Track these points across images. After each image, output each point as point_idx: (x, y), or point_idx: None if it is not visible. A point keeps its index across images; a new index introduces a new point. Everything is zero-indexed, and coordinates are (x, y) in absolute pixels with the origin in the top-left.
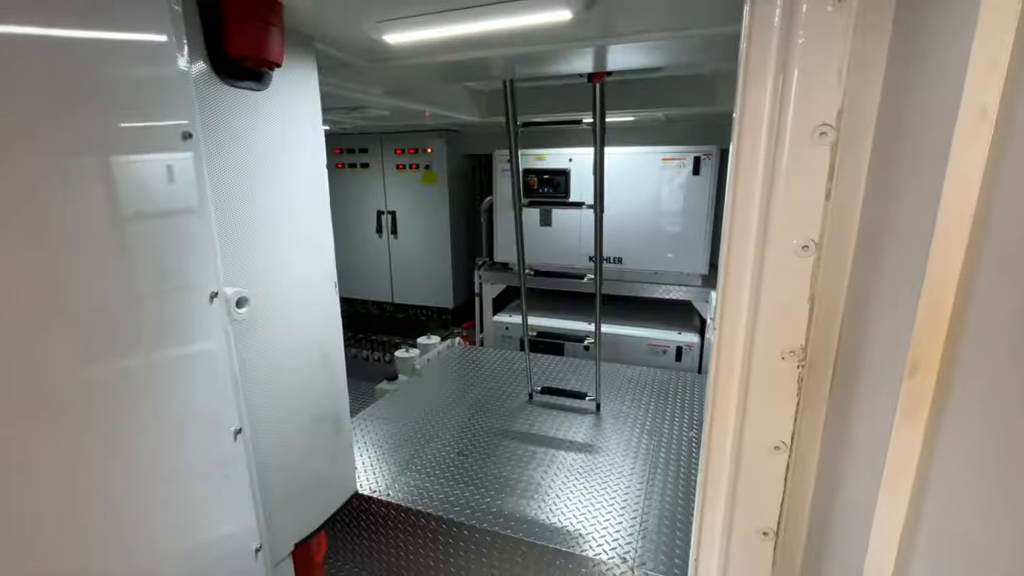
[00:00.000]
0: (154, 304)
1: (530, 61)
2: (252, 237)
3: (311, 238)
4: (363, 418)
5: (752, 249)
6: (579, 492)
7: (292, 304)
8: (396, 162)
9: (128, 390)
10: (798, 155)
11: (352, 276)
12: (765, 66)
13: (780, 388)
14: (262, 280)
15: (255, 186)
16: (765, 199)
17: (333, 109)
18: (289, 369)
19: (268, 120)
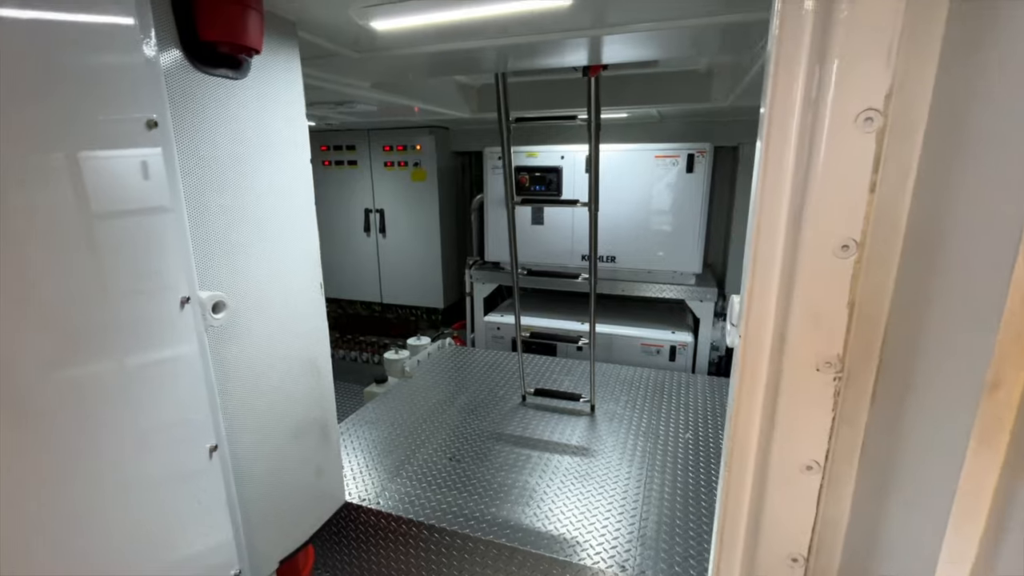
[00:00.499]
0: (114, 310)
1: (523, 53)
2: (230, 237)
3: (295, 238)
4: (351, 423)
5: (782, 249)
6: (575, 497)
7: (275, 308)
8: (384, 159)
9: (83, 405)
10: (839, 144)
11: (339, 276)
12: (800, 43)
13: (814, 402)
14: (242, 283)
15: (234, 182)
16: (799, 194)
17: (318, 104)
18: (272, 377)
19: (247, 111)
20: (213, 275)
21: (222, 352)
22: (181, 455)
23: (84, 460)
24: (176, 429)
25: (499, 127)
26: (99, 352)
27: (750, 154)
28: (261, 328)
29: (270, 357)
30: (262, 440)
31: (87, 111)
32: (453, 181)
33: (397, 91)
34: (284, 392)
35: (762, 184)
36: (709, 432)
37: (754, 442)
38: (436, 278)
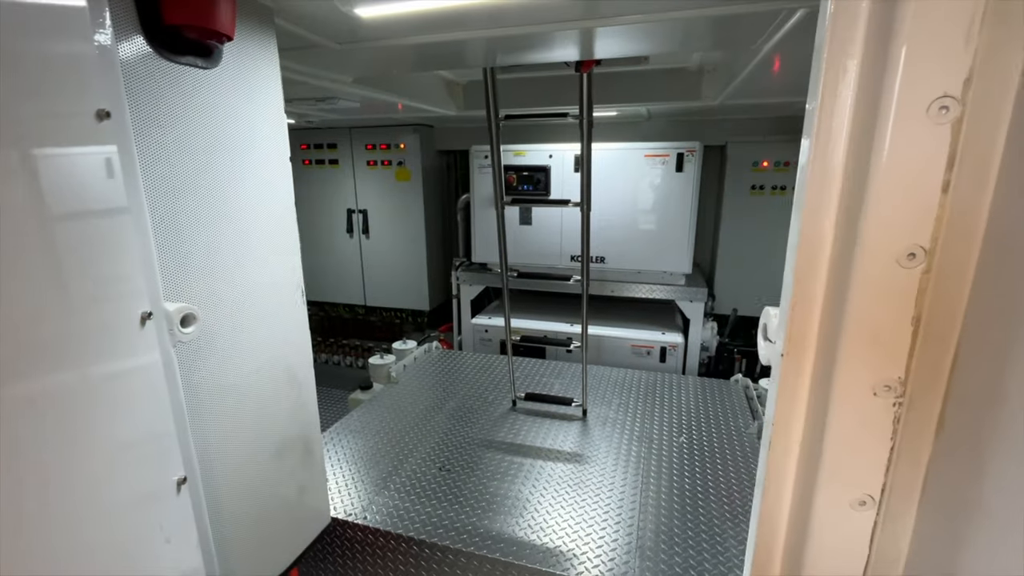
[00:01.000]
0: (55, 324)
1: (513, 46)
2: (203, 242)
3: (274, 241)
4: (335, 432)
5: (831, 256)
6: (570, 507)
7: (252, 318)
8: (367, 158)
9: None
10: (907, 137)
11: (321, 278)
12: (858, 21)
13: (869, 431)
14: (216, 292)
15: (206, 181)
16: (856, 195)
17: (298, 100)
18: (249, 393)
19: (220, 103)
20: (183, 285)
21: (194, 370)
22: (142, 490)
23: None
24: (138, 468)
25: (488, 124)
26: (33, 373)
27: (737, 153)
28: (238, 341)
29: (248, 372)
30: (240, 462)
31: (25, 103)
32: (438, 180)
33: (381, 87)
34: (264, 409)
35: (808, 185)
36: (703, 435)
37: (793, 473)
38: (421, 280)
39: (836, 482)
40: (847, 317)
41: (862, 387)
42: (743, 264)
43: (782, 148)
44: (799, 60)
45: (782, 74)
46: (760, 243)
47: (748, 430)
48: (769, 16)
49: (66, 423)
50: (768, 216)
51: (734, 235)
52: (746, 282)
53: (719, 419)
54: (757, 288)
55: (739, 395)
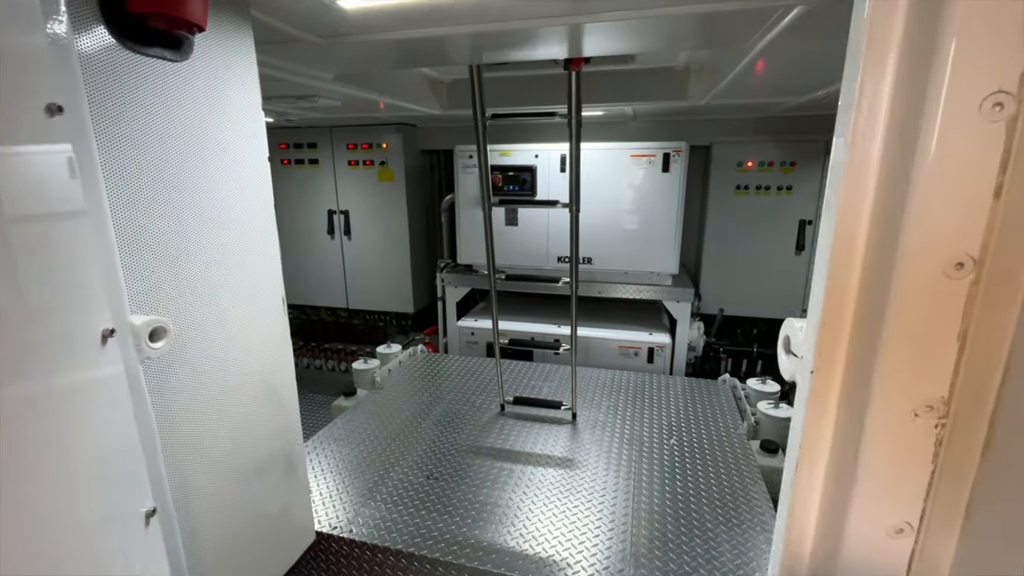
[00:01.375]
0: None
1: (499, 42)
2: (175, 248)
3: (253, 247)
4: (318, 441)
5: (866, 264)
6: (562, 514)
7: (229, 330)
8: (348, 158)
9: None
10: (956, 136)
11: (302, 281)
12: (895, 14)
13: (909, 454)
14: (188, 303)
15: (179, 182)
16: (898, 198)
17: (276, 98)
18: (227, 409)
19: (192, 99)
20: (152, 295)
21: (165, 387)
22: (105, 522)
23: None
24: (101, 500)
25: (474, 123)
26: None
27: (722, 153)
28: (214, 354)
29: (226, 387)
30: (218, 483)
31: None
32: (421, 181)
33: (362, 85)
34: (243, 425)
35: (842, 188)
36: (693, 437)
37: (822, 498)
38: (405, 282)
39: (871, 509)
40: (886, 332)
41: (901, 408)
42: (728, 264)
43: (766, 148)
44: (791, 60)
45: (772, 74)
46: (745, 243)
47: (737, 431)
48: (763, 14)
49: (13, 446)
50: (753, 216)
51: (719, 235)
52: (731, 282)
53: (708, 420)
54: (742, 288)
55: (727, 395)
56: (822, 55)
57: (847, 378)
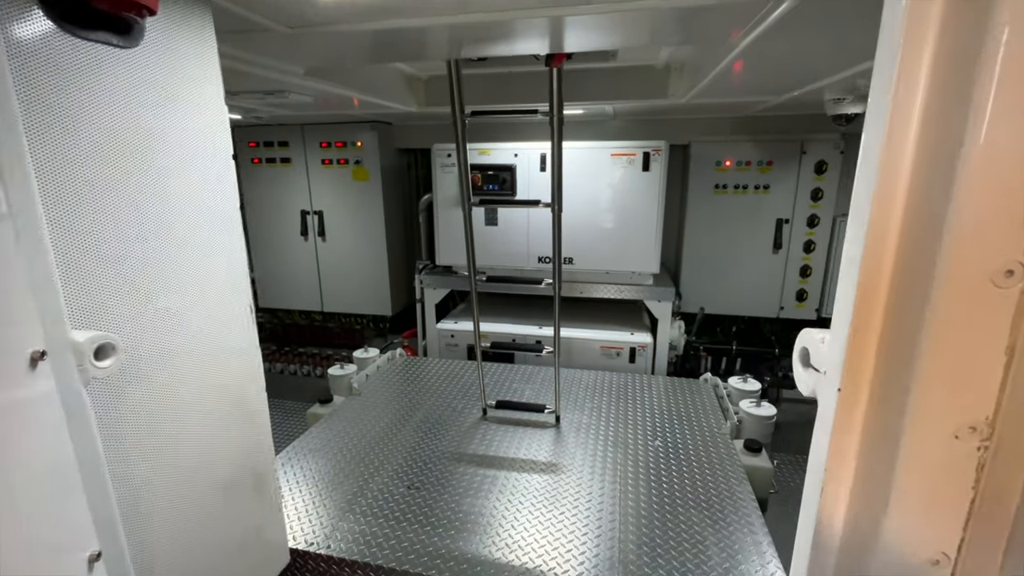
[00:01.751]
0: None
1: (478, 35)
2: (124, 257)
3: (216, 252)
4: (293, 452)
5: (902, 271)
6: (548, 522)
7: (191, 342)
8: (321, 156)
9: None
10: (1008, 126)
11: (274, 284)
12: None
13: (947, 479)
14: (142, 315)
15: (130, 182)
16: (939, 197)
17: (243, 93)
18: (189, 429)
19: (142, 90)
20: (99, 308)
21: (116, 410)
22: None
23: None
24: (21, 542)
25: (453, 121)
26: None
27: (700, 152)
28: (174, 370)
29: (187, 405)
30: (179, 511)
31: None
32: (398, 180)
33: (335, 80)
34: (208, 445)
35: (875, 185)
36: (677, 438)
37: (848, 527)
38: (383, 283)
39: (904, 538)
40: (924, 346)
41: (940, 429)
42: (708, 263)
43: (744, 148)
44: (772, 58)
45: (754, 73)
46: (724, 242)
47: (721, 430)
48: (751, 8)
49: None
50: (731, 215)
51: (699, 234)
52: (711, 280)
53: (692, 420)
54: (721, 286)
55: (709, 394)
56: (804, 53)
57: (878, 397)
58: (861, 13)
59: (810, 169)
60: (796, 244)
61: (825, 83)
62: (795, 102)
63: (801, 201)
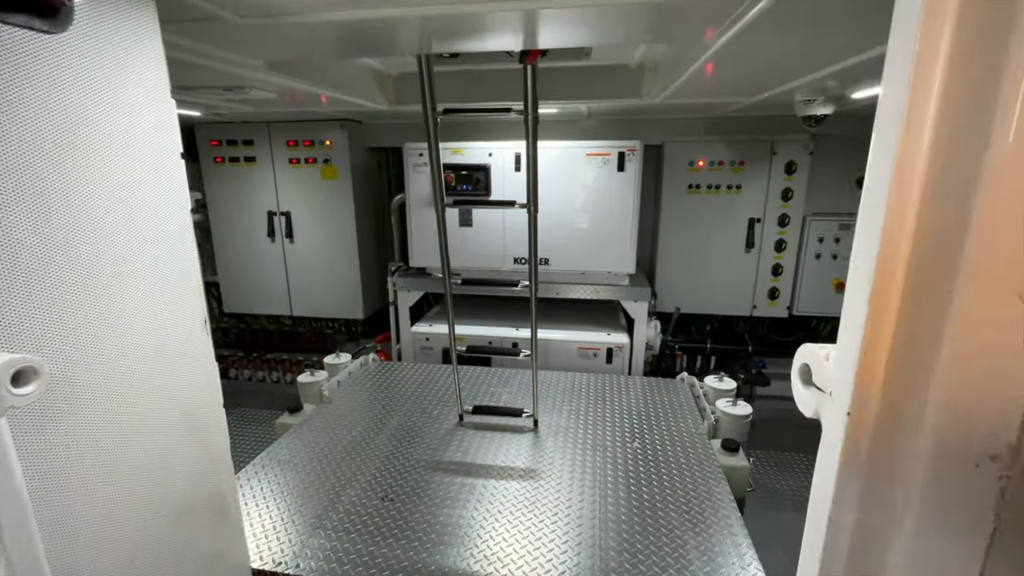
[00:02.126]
0: None
1: (450, 29)
2: (51, 268)
3: (162, 257)
4: (260, 465)
5: (913, 281)
6: (528, 531)
7: (135, 361)
8: (289, 155)
9: None
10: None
11: (240, 288)
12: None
13: (966, 510)
14: (74, 332)
15: (55, 186)
16: (963, 196)
17: (200, 88)
18: (135, 455)
19: (71, 81)
20: (20, 326)
21: (44, 440)
22: None
23: None
24: None
25: (424, 119)
26: None
27: (674, 152)
28: (115, 392)
29: (132, 428)
30: (125, 548)
31: None
32: (369, 180)
33: (300, 75)
34: (157, 471)
35: (892, 188)
36: (656, 439)
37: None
38: (354, 286)
39: (922, 570)
40: (943, 364)
41: (962, 457)
42: (682, 262)
43: (716, 148)
44: (748, 58)
45: (728, 73)
46: (698, 241)
47: (699, 430)
48: (725, 8)
49: None
50: (705, 214)
51: (673, 234)
52: (685, 280)
53: (669, 420)
54: (696, 285)
55: (686, 393)
56: (777, 54)
57: (893, 421)
58: (836, 14)
59: (780, 169)
60: (768, 243)
61: (796, 84)
62: (766, 103)
63: (772, 201)
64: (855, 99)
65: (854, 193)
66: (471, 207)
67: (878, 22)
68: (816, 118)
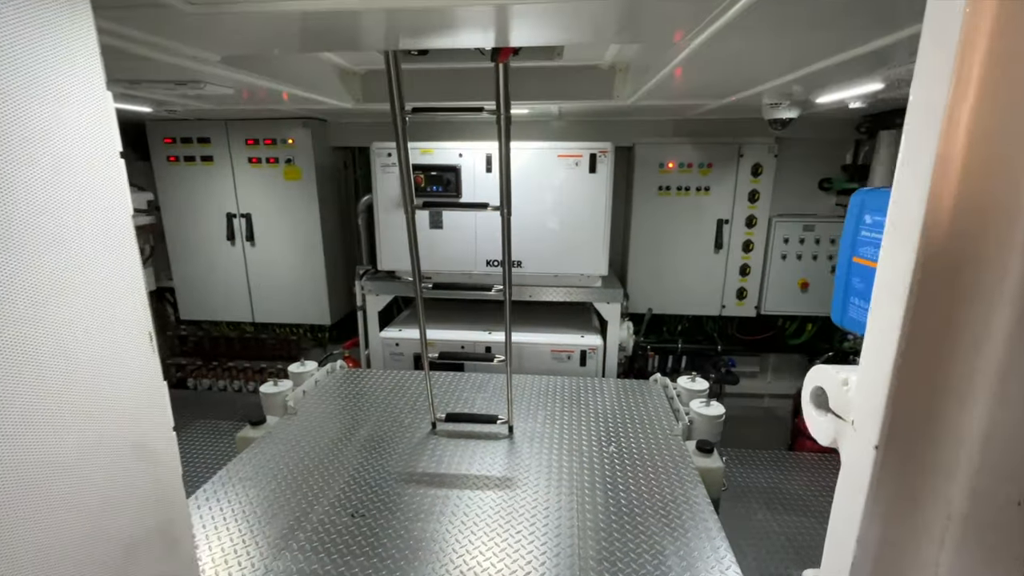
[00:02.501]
0: None
1: (417, 24)
2: None
3: (98, 267)
4: (219, 483)
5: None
6: (504, 543)
7: (69, 382)
8: (248, 155)
9: None
10: None
11: (198, 294)
12: None
13: (1005, 551)
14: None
15: None
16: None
17: (148, 83)
18: (71, 489)
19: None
20: None
21: None
22: None
23: None
24: None
25: (392, 118)
26: None
27: (644, 154)
28: (44, 417)
29: (68, 458)
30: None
31: None
32: (334, 180)
33: (259, 71)
34: (100, 501)
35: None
36: (632, 442)
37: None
38: (320, 291)
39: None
40: (989, 395)
41: (1002, 495)
42: (654, 263)
43: (685, 150)
44: (719, 61)
45: (700, 75)
46: (668, 242)
47: (673, 432)
48: (695, 12)
49: None
50: (675, 216)
51: (644, 235)
52: (657, 281)
53: (645, 423)
54: (666, 286)
55: (659, 395)
56: (748, 58)
57: (927, 456)
58: (804, 21)
59: (747, 171)
60: (736, 244)
61: (764, 88)
62: (734, 106)
63: (740, 202)
64: (819, 103)
65: (817, 195)
66: (442, 209)
67: (842, 30)
68: (782, 121)
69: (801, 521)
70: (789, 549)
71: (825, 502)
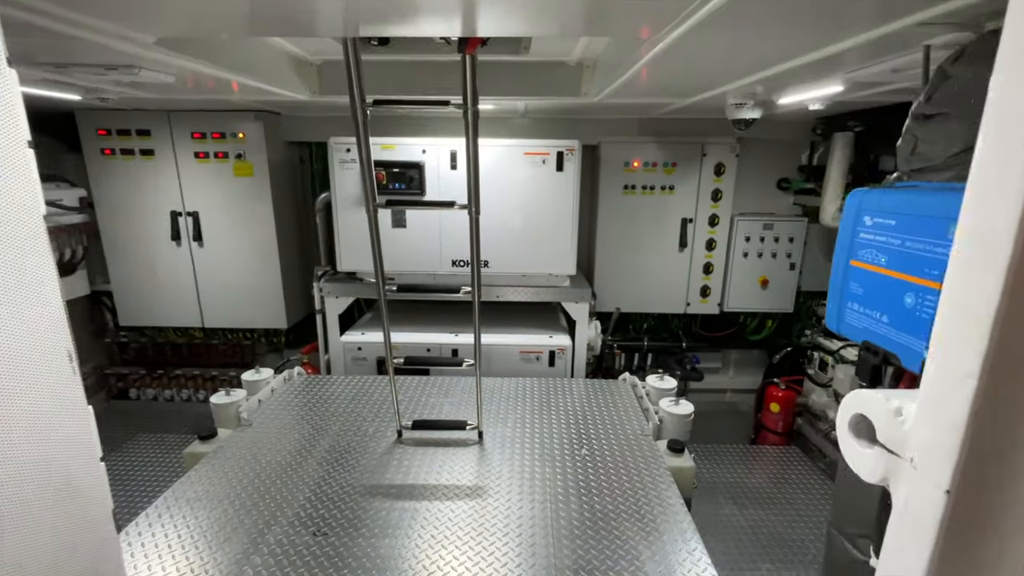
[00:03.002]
0: None
1: (378, 9)
2: None
3: (5, 280)
4: (165, 504)
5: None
6: (478, 557)
7: None
8: (194, 149)
9: None
10: None
11: (140, 298)
12: None
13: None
14: None
15: None
16: None
17: (74, 66)
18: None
19: None
20: None
21: None
22: None
23: None
24: None
25: (352, 111)
26: None
27: (609, 152)
28: None
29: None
30: None
31: None
32: (289, 177)
33: (203, 56)
34: (17, 547)
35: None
36: (603, 444)
37: None
38: (275, 293)
39: None
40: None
41: None
42: (619, 262)
43: (650, 149)
44: (686, 60)
45: (667, 74)
46: (633, 241)
47: (644, 432)
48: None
49: None
50: (640, 215)
51: (610, 234)
52: (623, 280)
53: (615, 423)
54: (632, 285)
55: (628, 394)
56: (714, 58)
57: (1010, 503)
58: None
59: (710, 171)
60: (699, 242)
61: (729, 88)
62: (698, 106)
63: (703, 201)
64: (782, 104)
65: (776, 194)
66: (406, 208)
67: (805, 34)
68: (746, 121)
69: (766, 514)
70: (756, 543)
71: (786, 494)
